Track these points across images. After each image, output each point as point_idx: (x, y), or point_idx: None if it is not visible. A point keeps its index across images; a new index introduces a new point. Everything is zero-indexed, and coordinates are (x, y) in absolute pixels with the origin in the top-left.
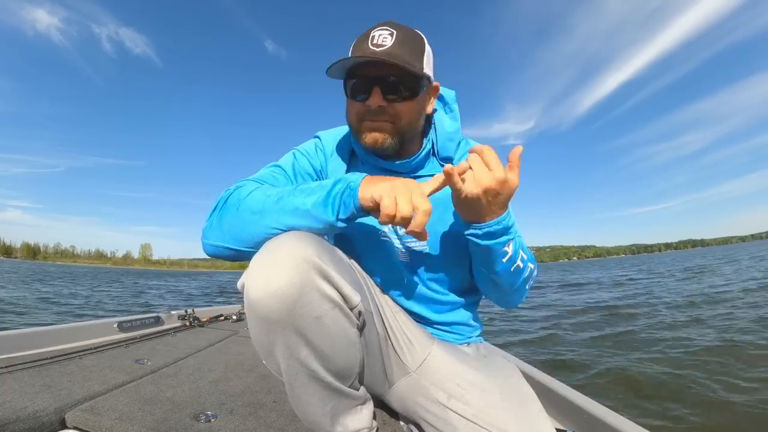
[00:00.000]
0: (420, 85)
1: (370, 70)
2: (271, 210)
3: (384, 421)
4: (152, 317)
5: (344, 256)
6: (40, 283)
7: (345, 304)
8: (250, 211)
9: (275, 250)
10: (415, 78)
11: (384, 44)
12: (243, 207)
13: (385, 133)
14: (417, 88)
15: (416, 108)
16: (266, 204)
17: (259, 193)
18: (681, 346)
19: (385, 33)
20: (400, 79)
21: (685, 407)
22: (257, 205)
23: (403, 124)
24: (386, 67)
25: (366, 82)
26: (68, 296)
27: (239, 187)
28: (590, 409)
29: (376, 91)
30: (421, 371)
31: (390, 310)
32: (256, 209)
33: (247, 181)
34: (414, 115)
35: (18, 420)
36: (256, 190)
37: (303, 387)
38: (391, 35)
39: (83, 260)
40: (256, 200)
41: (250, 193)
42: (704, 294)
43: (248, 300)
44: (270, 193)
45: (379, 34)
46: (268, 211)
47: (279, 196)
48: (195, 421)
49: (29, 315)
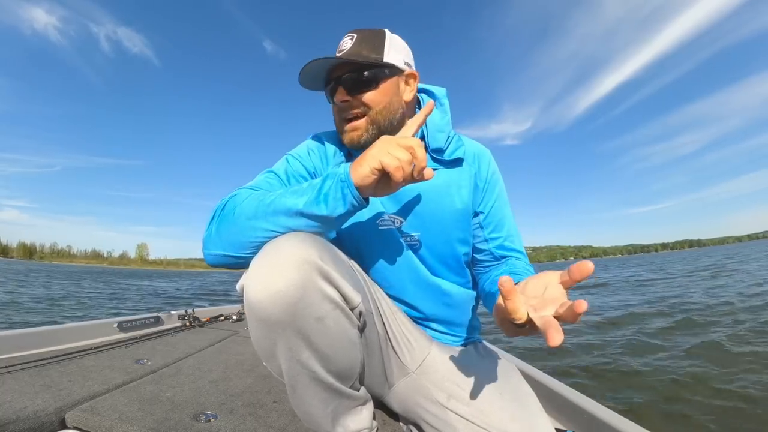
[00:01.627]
0: (379, 74)
1: (336, 72)
2: (265, 213)
3: (384, 421)
4: (152, 317)
5: (344, 256)
6: (16, 282)
7: (346, 304)
8: (246, 217)
9: (275, 251)
10: (372, 67)
11: (344, 48)
12: (238, 214)
13: (360, 130)
14: (377, 76)
15: (383, 95)
16: (260, 208)
17: (252, 199)
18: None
19: (347, 39)
20: (357, 72)
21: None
22: (251, 211)
23: (374, 113)
24: (346, 65)
25: (331, 84)
26: (32, 298)
27: (234, 195)
28: (590, 409)
29: (339, 90)
30: (420, 371)
31: (389, 310)
32: (250, 214)
33: (242, 189)
34: (383, 102)
35: (18, 420)
36: (250, 197)
37: (304, 388)
38: (352, 39)
39: (80, 260)
40: (250, 206)
41: (245, 199)
42: (753, 295)
43: (248, 302)
44: (263, 197)
45: (343, 41)
46: (263, 215)
47: (272, 199)
48: (195, 421)
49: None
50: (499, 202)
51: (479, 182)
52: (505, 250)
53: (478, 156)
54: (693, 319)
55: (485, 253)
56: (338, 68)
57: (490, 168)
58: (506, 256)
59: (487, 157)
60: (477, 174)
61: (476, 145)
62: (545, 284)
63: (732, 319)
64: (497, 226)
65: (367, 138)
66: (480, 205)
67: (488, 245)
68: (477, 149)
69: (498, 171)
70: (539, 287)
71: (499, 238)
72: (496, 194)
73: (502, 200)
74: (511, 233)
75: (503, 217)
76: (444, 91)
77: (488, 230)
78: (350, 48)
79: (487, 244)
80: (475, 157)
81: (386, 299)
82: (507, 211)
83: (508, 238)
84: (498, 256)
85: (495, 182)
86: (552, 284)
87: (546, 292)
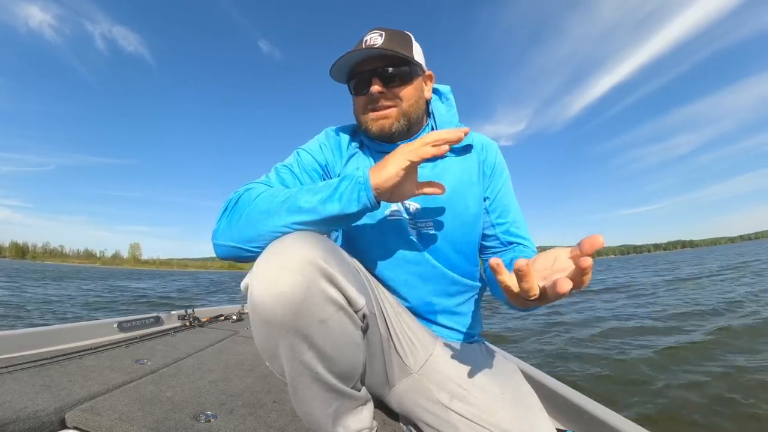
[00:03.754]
0: (414, 71)
1: (367, 66)
2: (279, 210)
3: (384, 421)
4: (152, 317)
5: (349, 258)
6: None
7: (350, 307)
8: (259, 212)
9: (280, 251)
10: (407, 63)
11: (375, 44)
12: (252, 208)
13: (391, 118)
14: (411, 73)
15: (415, 91)
16: (273, 204)
17: (267, 195)
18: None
19: (375, 35)
20: (395, 67)
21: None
22: (265, 206)
23: (406, 106)
24: (381, 59)
25: (365, 76)
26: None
27: (248, 189)
28: (590, 409)
29: (375, 81)
30: (423, 372)
31: (393, 310)
32: (264, 209)
33: (255, 184)
34: (414, 96)
35: (18, 420)
36: (265, 192)
37: (306, 389)
38: (381, 36)
39: (72, 260)
40: (264, 201)
41: (260, 194)
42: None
43: (252, 302)
44: (278, 194)
45: (370, 36)
46: (276, 211)
47: (286, 196)
48: (195, 421)
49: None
50: (504, 190)
51: (486, 169)
52: (512, 236)
53: (486, 146)
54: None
55: (492, 238)
56: (371, 61)
57: (497, 158)
58: (514, 243)
59: (494, 147)
60: (485, 161)
61: (484, 137)
62: (554, 257)
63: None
64: (503, 212)
65: (397, 127)
66: (487, 191)
67: (495, 230)
68: (484, 141)
69: (504, 162)
70: (549, 260)
71: (505, 224)
72: (502, 182)
73: (507, 188)
74: (517, 220)
75: (509, 203)
76: (449, 89)
77: (495, 215)
78: (384, 43)
79: (494, 229)
80: (483, 147)
81: (390, 299)
82: (512, 199)
83: (515, 224)
84: (505, 242)
85: (501, 170)
86: (561, 258)
87: (555, 264)
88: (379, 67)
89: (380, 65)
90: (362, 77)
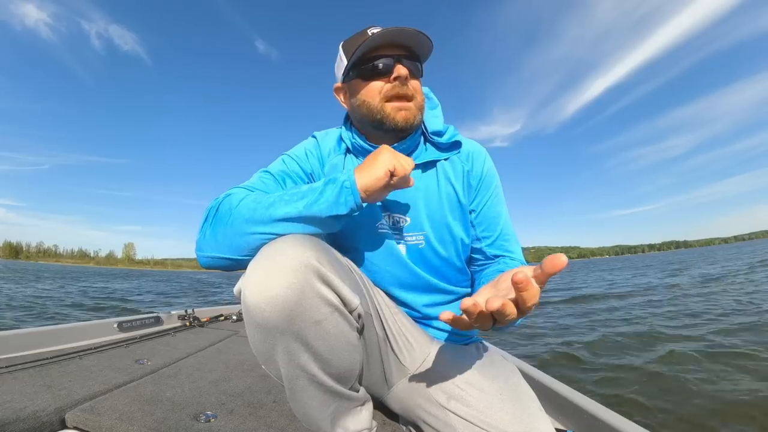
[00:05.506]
0: (422, 68)
1: (394, 51)
2: (263, 216)
3: (383, 421)
4: (152, 317)
5: (342, 258)
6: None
7: (344, 307)
8: (243, 219)
9: (273, 254)
10: (425, 56)
11: (403, 31)
12: (235, 215)
13: (412, 110)
14: (422, 68)
15: (421, 87)
16: (257, 210)
17: (249, 200)
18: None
19: (398, 27)
20: (417, 61)
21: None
22: (249, 213)
23: (419, 101)
24: (400, 47)
25: (390, 60)
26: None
27: (229, 195)
28: (590, 409)
29: (402, 67)
30: (420, 372)
31: (389, 311)
32: (248, 216)
33: (237, 189)
34: (422, 93)
35: (18, 420)
36: (247, 198)
37: (303, 391)
38: (405, 28)
39: (66, 260)
40: (247, 207)
41: (241, 200)
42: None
43: (246, 306)
44: (261, 199)
45: (398, 27)
46: (261, 218)
47: (270, 202)
48: (195, 421)
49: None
50: (492, 201)
51: (472, 181)
52: (497, 249)
53: (472, 155)
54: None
55: (477, 251)
56: (393, 48)
57: (485, 167)
58: (499, 256)
59: (481, 155)
60: (470, 173)
61: (471, 143)
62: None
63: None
64: (489, 225)
65: (416, 121)
66: (472, 203)
67: (480, 244)
68: (472, 147)
69: (493, 169)
70: (509, 280)
71: (490, 237)
72: (490, 193)
73: (496, 199)
74: (505, 233)
75: (496, 215)
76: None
77: (480, 228)
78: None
79: (480, 243)
80: (469, 156)
81: (386, 300)
82: (501, 210)
83: (502, 236)
84: (490, 256)
85: (489, 181)
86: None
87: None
88: (405, 55)
89: (404, 54)
90: (387, 60)
